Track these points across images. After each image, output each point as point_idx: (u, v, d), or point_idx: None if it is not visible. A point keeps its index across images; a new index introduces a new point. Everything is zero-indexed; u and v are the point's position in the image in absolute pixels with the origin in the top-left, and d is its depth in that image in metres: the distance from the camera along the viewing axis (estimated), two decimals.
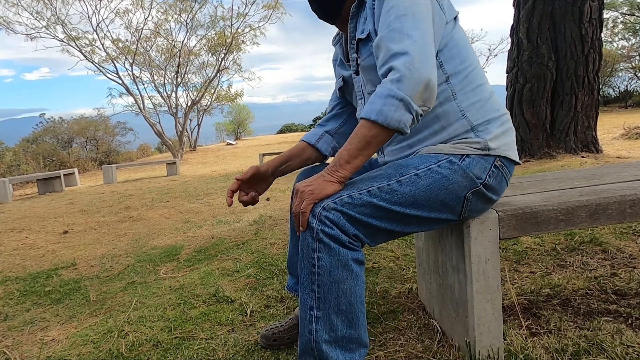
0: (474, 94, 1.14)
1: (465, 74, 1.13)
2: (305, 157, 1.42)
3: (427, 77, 0.97)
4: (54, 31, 16.43)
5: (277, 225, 3.25)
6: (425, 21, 1.02)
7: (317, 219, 0.98)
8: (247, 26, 19.17)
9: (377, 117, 0.97)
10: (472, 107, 1.13)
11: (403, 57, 0.97)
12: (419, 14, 1.02)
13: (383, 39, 1.02)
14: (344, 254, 0.99)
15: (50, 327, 1.87)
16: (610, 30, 17.97)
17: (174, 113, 19.49)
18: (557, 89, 5.07)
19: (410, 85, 0.96)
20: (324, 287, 0.99)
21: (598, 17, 4.93)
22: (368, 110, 0.98)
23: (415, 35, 0.99)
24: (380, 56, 1.03)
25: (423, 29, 1.01)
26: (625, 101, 15.84)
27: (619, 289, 1.55)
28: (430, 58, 0.99)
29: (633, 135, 6.52)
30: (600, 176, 1.49)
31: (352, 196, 1.01)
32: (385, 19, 1.03)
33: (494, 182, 1.12)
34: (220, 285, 2.04)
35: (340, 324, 1.00)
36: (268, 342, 1.42)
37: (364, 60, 1.16)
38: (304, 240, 1.01)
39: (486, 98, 1.16)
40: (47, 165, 15.98)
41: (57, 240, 3.77)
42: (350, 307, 1.01)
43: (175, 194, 6.04)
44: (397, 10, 1.02)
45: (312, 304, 1.00)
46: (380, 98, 0.97)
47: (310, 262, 0.99)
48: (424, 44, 0.99)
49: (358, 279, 1.02)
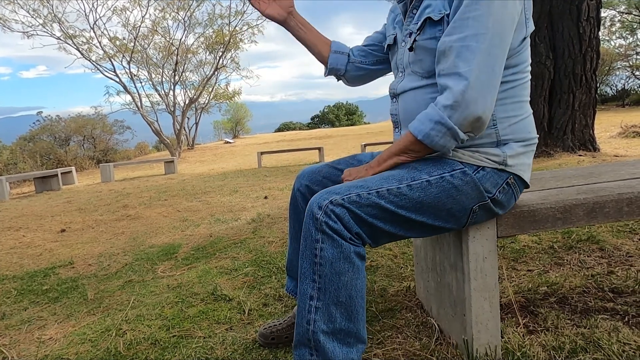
0: (512, 108, 1.10)
1: (513, 85, 1.09)
2: (319, 47, 1.44)
3: (481, 112, 0.98)
4: (51, 29, 16.38)
5: (275, 224, 3.25)
6: (501, 46, 0.99)
7: (323, 211, 0.99)
8: (246, 24, 19.14)
9: (424, 138, 1.03)
10: (506, 121, 1.10)
11: (463, 83, 0.96)
12: (498, 36, 0.97)
13: (453, 49, 0.99)
14: (347, 246, 1.00)
15: (47, 325, 1.87)
16: (608, 29, 18.02)
17: (172, 111, 19.45)
18: (555, 87, 5.08)
19: (462, 116, 0.98)
20: (325, 277, 0.99)
21: (596, 15, 4.94)
22: (416, 128, 1.04)
23: (485, 61, 0.97)
24: (444, 65, 1.01)
25: (495, 55, 0.98)
26: (622, 100, 15.89)
27: (616, 287, 1.56)
28: (491, 90, 0.99)
29: (630, 134, 6.54)
30: (597, 174, 1.49)
31: (361, 195, 1.02)
32: (462, 28, 0.98)
33: (503, 198, 1.12)
34: (218, 284, 2.04)
35: (339, 316, 1.00)
36: (266, 340, 1.42)
37: (424, 41, 1.10)
38: (307, 231, 1.01)
39: (523, 116, 1.13)
40: (45, 164, 15.94)
41: (55, 239, 3.76)
42: (350, 300, 1.01)
43: (173, 192, 6.03)
44: (477, 25, 0.97)
45: (312, 294, 1.00)
46: (430, 121, 1.01)
47: (312, 253, 1.00)
48: (490, 74, 0.98)
49: (359, 272, 1.02)
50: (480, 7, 0.97)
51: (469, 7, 0.98)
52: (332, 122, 47.03)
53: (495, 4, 0.97)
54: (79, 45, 16.76)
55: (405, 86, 1.18)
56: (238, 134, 30.59)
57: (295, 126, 38.52)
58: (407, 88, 1.18)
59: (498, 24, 0.98)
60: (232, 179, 7.10)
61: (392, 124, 1.29)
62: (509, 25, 1.00)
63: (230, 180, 7.01)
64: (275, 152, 10.84)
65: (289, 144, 18.72)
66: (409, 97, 1.17)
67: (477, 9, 0.97)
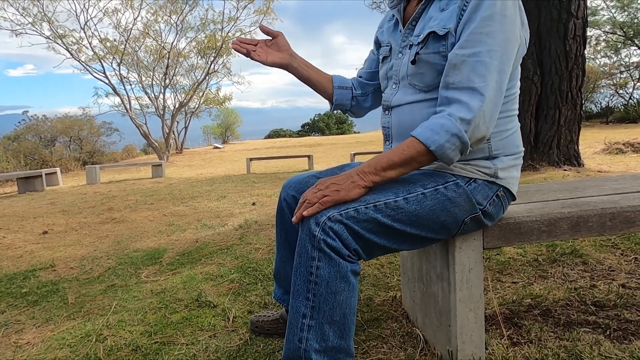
0: (504, 122, 1.12)
1: (507, 100, 1.11)
2: (323, 84, 1.42)
3: (488, 130, 1.00)
4: (40, 28, 16.19)
5: (262, 230, 3.23)
6: (508, 64, 1.02)
7: (321, 228, 0.96)
8: (238, 30, 19.16)
9: (437, 149, 0.98)
10: (498, 135, 1.11)
11: (480, 98, 0.97)
12: (507, 54, 1.00)
13: (467, 64, 0.99)
14: (344, 265, 0.98)
15: (25, 329, 1.82)
16: (593, 47, 18.46)
17: (161, 115, 19.31)
18: (541, 103, 5.18)
19: (475, 133, 0.98)
20: (320, 296, 0.97)
21: (582, 34, 5.07)
22: (429, 138, 0.98)
23: (497, 78, 0.99)
24: (456, 78, 1.00)
25: (505, 72, 1.01)
26: (606, 117, 16.25)
27: (598, 301, 1.58)
28: (498, 109, 1.01)
29: (614, 151, 6.69)
30: (582, 189, 1.52)
31: (358, 210, 0.99)
32: (476, 44, 0.99)
33: (492, 210, 1.13)
34: (203, 290, 2.01)
35: (332, 335, 0.99)
36: (252, 326, 1.53)
37: (427, 55, 1.09)
38: (302, 247, 0.99)
39: (513, 130, 1.15)
40: (29, 164, 15.65)
41: (36, 241, 3.68)
42: (344, 319, 1.00)
43: (160, 196, 5.96)
44: (491, 42, 0.98)
45: (305, 312, 0.98)
46: (447, 133, 0.97)
47: (307, 270, 0.97)
48: (499, 92, 1.00)
49: (354, 290, 1.01)
50: (493, 24, 0.98)
51: (483, 23, 0.99)
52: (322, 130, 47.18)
53: (507, 22, 0.99)
54: (69, 46, 16.59)
55: (402, 99, 1.17)
56: (228, 139, 30.48)
57: (285, 133, 38.53)
58: (404, 102, 1.16)
59: (508, 42, 1.00)
60: (220, 184, 7.05)
61: (382, 135, 1.29)
62: (515, 44, 1.03)
63: (218, 185, 6.97)
64: (265, 158, 10.80)
65: (279, 150, 18.71)
66: (405, 111, 1.16)
67: (491, 24, 0.98)
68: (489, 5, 0.98)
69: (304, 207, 1.00)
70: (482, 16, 0.99)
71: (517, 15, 1.03)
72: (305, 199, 1.01)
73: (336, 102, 1.43)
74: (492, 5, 0.98)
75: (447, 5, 1.07)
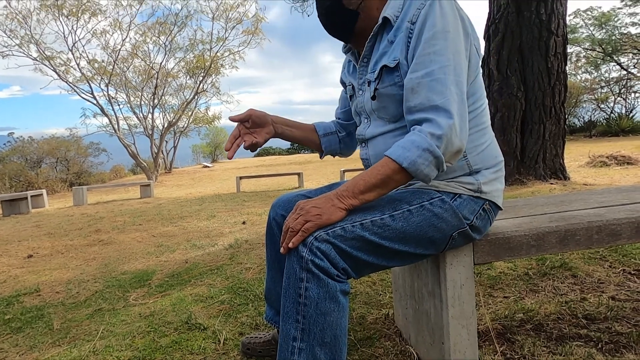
0: (477, 137, 1.13)
1: (475, 114, 1.13)
2: (309, 137, 1.43)
3: (462, 143, 1.00)
4: (28, 50, 16.16)
5: (253, 250, 3.21)
6: (462, 75, 1.03)
7: (308, 249, 0.96)
8: (227, 50, 19.35)
9: (409, 166, 0.98)
10: (474, 150, 1.13)
11: (446, 115, 0.98)
12: (459, 66, 1.01)
13: (422, 85, 1.00)
14: (333, 285, 0.97)
15: (8, 357, 1.76)
16: (574, 64, 18.97)
17: (150, 134, 19.24)
18: (526, 118, 5.29)
19: (448, 147, 0.98)
20: (309, 318, 0.96)
21: (562, 51, 5.23)
22: (400, 155, 0.98)
23: (456, 91, 1.00)
24: (416, 101, 1.01)
25: (462, 84, 1.02)
26: (589, 131, 16.61)
27: (589, 314, 1.59)
28: (466, 121, 1.02)
29: (598, 164, 6.82)
30: (568, 203, 1.54)
31: (345, 228, 0.99)
32: (426, 64, 1.01)
33: (480, 224, 1.14)
34: (192, 312, 1.97)
35: (324, 357, 0.97)
36: (243, 348, 1.52)
37: (385, 89, 1.12)
38: (290, 269, 0.98)
39: (488, 142, 1.16)
40: (14, 186, 15.39)
41: (21, 265, 3.59)
42: (335, 340, 0.98)
43: (149, 216, 5.89)
44: (441, 59, 1.00)
45: (295, 335, 0.97)
46: (417, 149, 0.97)
47: (296, 292, 0.96)
48: (462, 104, 1.01)
49: (344, 310, 1.00)
50: (438, 42, 1.01)
51: (428, 43, 1.01)
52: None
53: (450, 37, 1.01)
54: (56, 67, 16.56)
55: (374, 132, 1.20)
56: (217, 158, 30.40)
57: (274, 151, 38.57)
58: (377, 133, 1.19)
59: (457, 54, 1.02)
60: (210, 204, 7.00)
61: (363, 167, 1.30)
62: (464, 55, 1.05)
63: (208, 204, 6.91)
64: (255, 176, 10.78)
65: (268, 168, 18.69)
66: (380, 141, 1.19)
67: (436, 43, 1.01)
68: (429, 26, 1.02)
69: (288, 237, 1.00)
70: (426, 37, 1.02)
71: (459, 28, 1.05)
72: (288, 227, 1.00)
73: (326, 150, 1.45)
74: (433, 26, 1.01)
75: (394, 37, 1.10)
